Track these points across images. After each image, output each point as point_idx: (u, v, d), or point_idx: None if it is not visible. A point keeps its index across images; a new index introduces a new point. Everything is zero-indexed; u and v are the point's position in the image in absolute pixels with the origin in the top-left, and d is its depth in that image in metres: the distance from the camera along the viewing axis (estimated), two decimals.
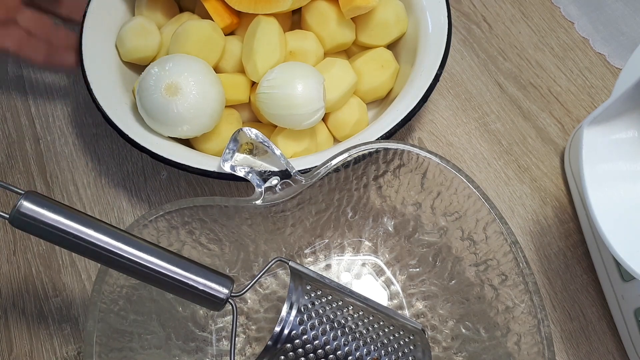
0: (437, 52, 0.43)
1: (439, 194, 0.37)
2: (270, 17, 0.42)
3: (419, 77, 0.42)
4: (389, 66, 0.45)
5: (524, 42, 0.54)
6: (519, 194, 0.47)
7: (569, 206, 0.46)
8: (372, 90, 0.45)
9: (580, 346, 0.41)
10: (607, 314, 0.42)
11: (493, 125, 0.50)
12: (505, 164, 0.48)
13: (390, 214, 0.40)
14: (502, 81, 0.52)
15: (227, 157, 0.37)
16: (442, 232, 0.38)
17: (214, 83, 0.40)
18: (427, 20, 0.45)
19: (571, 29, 0.54)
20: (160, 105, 0.39)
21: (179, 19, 0.46)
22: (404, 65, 0.46)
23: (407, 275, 0.41)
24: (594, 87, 0.51)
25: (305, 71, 0.40)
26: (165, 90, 0.39)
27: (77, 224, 0.28)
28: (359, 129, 0.43)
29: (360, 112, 0.45)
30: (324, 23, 0.44)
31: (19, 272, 0.45)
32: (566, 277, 0.44)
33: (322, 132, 0.45)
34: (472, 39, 0.54)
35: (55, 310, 0.43)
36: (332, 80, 0.42)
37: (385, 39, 0.46)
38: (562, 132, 0.49)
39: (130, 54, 0.45)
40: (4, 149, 0.50)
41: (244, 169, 0.36)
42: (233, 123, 0.43)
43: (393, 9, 0.45)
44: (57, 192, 0.47)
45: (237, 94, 0.43)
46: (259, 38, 0.41)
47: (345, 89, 0.43)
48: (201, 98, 0.39)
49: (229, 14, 0.44)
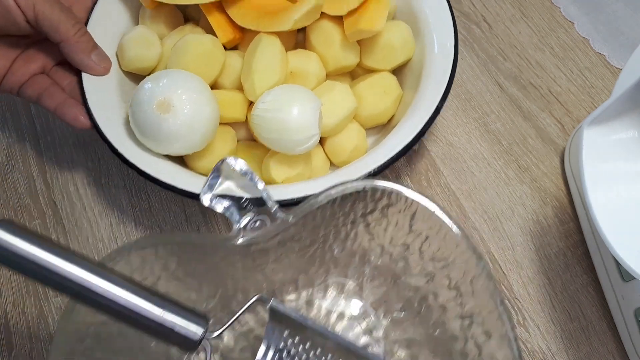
0: (439, 82, 0.42)
1: (427, 237, 0.34)
2: (272, 35, 0.41)
3: (420, 107, 0.41)
4: (391, 93, 0.44)
5: (524, 42, 0.54)
6: (519, 194, 0.47)
7: (569, 206, 0.46)
8: (373, 116, 0.44)
9: (581, 346, 0.41)
10: (607, 314, 0.42)
11: (493, 125, 0.50)
12: (505, 164, 0.48)
13: (378, 253, 0.38)
14: (502, 81, 0.52)
15: (207, 190, 0.34)
16: (430, 277, 0.36)
17: (209, 101, 0.39)
18: (434, 45, 0.44)
19: (571, 29, 0.54)
20: (151, 121, 0.38)
21: (182, 31, 0.45)
22: (407, 91, 0.45)
23: (391, 320, 0.39)
24: (594, 87, 0.51)
25: (302, 96, 0.39)
26: (157, 106, 0.38)
27: (48, 254, 0.26)
28: (356, 155, 0.43)
29: (359, 138, 0.43)
30: (328, 44, 0.43)
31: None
32: (566, 277, 0.44)
33: (319, 156, 0.43)
34: (472, 39, 0.54)
35: (55, 311, 0.43)
36: (331, 105, 0.41)
37: (391, 64, 0.44)
38: (562, 132, 0.49)
39: (130, 64, 0.44)
40: (4, 149, 0.50)
41: (224, 204, 0.34)
42: (228, 141, 0.43)
43: (400, 33, 0.44)
44: (57, 192, 0.47)
45: (234, 112, 0.42)
46: (258, 57, 0.40)
47: (343, 115, 0.42)
48: (194, 117, 0.38)
49: (232, 29, 0.43)
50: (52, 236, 0.46)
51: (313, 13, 0.41)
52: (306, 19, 0.41)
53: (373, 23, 0.41)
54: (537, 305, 0.43)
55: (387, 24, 0.43)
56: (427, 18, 0.45)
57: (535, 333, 0.42)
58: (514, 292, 0.43)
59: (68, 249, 0.27)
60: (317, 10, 0.41)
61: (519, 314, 0.42)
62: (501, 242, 0.45)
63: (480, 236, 0.45)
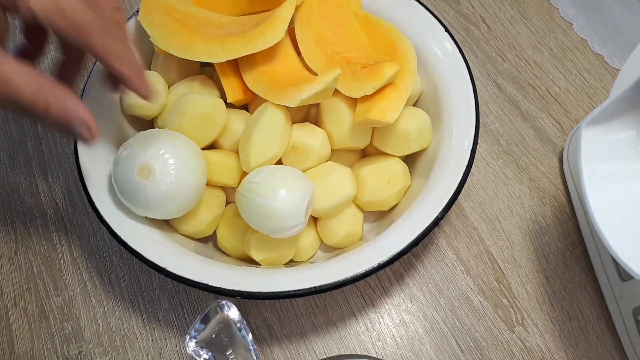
0: (449, 185, 0.38)
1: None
2: (279, 107, 0.38)
3: (426, 205, 0.38)
4: (396, 183, 0.40)
5: (523, 42, 0.54)
6: (517, 194, 0.47)
7: (567, 206, 0.47)
8: (373, 203, 0.41)
9: (579, 345, 0.42)
10: (606, 313, 0.42)
11: (492, 125, 0.50)
12: (504, 163, 0.48)
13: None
14: (501, 82, 0.52)
15: (192, 335, 0.32)
16: None
17: (195, 170, 0.37)
18: (452, 139, 0.40)
19: (570, 30, 0.55)
20: (131, 184, 0.36)
21: (192, 81, 0.43)
22: (417, 180, 0.42)
23: None
24: (592, 88, 0.52)
25: (292, 183, 0.36)
26: (139, 171, 0.36)
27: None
28: (349, 241, 0.41)
29: (354, 224, 0.41)
30: (338, 124, 0.40)
31: (21, 271, 0.45)
32: (565, 276, 0.44)
33: (308, 237, 0.41)
34: (471, 40, 0.54)
35: (56, 310, 0.43)
36: (327, 189, 0.39)
37: (402, 152, 0.41)
38: (560, 133, 0.49)
39: (131, 109, 0.42)
40: (6, 149, 0.50)
41: (207, 356, 0.32)
42: (214, 207, 0.41)
43: (416, 122, 0.40)
44: (59, 192, 0.48)
45: (226, 178, 0.40)
46: (259, 128, 0.38)
47: (338, 201, 0.39)
48: (175, 185, 0.36)
49: (242, 90, 0.41)
50: (53, 236, 0.46)
51: (323, 94, 0.38)
52: (315, 99, 0.38)
53: (385, 114, 0.37)
54: (535, 305, 0.43)
55: (406, 111, 0.40)
56: (451, 110, 0.41)
57: (533, 332, 0.42)
58: (513, 291, 0.43)
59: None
60: (327, 92, 0.38)
61: (518, 313, 0.42)
62: (500, 241, 0.45)
63: (479, 235, 0.45)
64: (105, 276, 0.44)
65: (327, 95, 0.39)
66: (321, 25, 0.42)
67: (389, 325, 0.42)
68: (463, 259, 0.44)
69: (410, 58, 0.41)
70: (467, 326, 0.42)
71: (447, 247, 0.45)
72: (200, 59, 0.39)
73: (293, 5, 0.40)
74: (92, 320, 0.43)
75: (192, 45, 0.39)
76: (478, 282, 0.44)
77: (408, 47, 0.41)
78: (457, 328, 0.42)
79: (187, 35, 0.40)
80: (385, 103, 0.38)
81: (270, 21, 0.39)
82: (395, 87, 0.39)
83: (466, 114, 0.40)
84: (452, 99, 0.41)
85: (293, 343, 0.42)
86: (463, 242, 0.45)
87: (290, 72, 0.41)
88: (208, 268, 0.37)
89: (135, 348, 0.42)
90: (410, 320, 0.42)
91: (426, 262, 0.44)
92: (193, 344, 0.32)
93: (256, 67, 0.41)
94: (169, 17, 0.41)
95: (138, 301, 0.43)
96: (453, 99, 0.41)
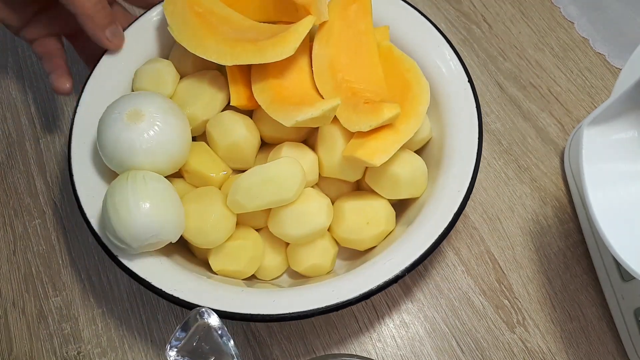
0: (427, 237, 0.36)
1: None
2: None
3: (389, 260, 0.36)
4: (376, 225, 0.38)
5: (524, 42, 0.54)
6: (518, 194, 0.47)
7: (568, 206, 0.46)
8: (348, 240, 0.39)
9: (580, 346, 0.41)
10: (607, 314, 0.42)
11: (493, 125, 0.50)
12: (505, 163, 0.48)
13: None
14: (502, 81, 0.52)
15: (174, 343, 0.31)
16: None
17: (183, 121, 0.38)
18: (445, 190, 0.38)
19: (571, 29, 0.54)
20: (119, 131, 0.36)
21: (202, 77, 0.41)
22: (400, 227, 0.39)
23: None
24: (593, 87, 0.51)
25: (168, 207, 0.35)
26: (128, 115, 0.36)
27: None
28: (314, 272, 0.39)
29: (322, 257, 0.39)
30: (331, 152, 0.38)
31: (19, 272, 0.45)
32: (566, 277, 0.44)
33: (275, 258, 0.40)
34: (472, 39, 0.54)
35: (55, 310, 0.43)
36: (299, 216, 0.37)
37: (391, 195, 0.39)
38: (562, 132, 0.49)
39: None
40: (4, 149, 0.50)
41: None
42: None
43: (410, 168, 0.38)
44: (57, 192, 0.47)
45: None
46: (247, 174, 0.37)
47: (308, 230, 0.37)
48: (163, 131, 0.37)
49: (247, 97, 0.40)
50: (52, 236, 0.46)
51: (320, 120, 0.37)
52: (311, 123, 0.37)
53: (372, 156, 0.36)
54: (536, 305, 0.43)
55: (403, 155, 0.38)
56: (453, 162, 0.39)
57: (535, 333, 0.42)
58: (514, 291, 0.43)
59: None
60: (324, 119, 0.37)
61: (519, 313, 0.42)
62: (501, 241, 0.45)
63: (480, 236, 0.45)
64: (104, 277, 0.44)
65: (324, 122, 0.38)
66: (339, 49, 0.41)
67: (389, 326, 0.42)
68: (464, 260, 0.44)
69: (422, 102, 0.39)
70: (467, 327, 0.42)
71: (448, 248, 0.45)
72: (210, 58, 0.39)
73: (310, 24, 0.38)
74: (91, 321, 0.43)
75: (204, 43, 0.39)
76: (479, 283, 0.43)
77: (423, 90, 0.39)
78: (458, 329, 0.42)
79: (202, 32, 0.39)
80: (377, 144, 0.36)
81: (284, 36, 0.38)
82: (394, 129, 0.37)
83: (464, 171, 0.38)
84: (457, 153, 0.39)
85: (293, 344, 0.42)
86: (464, 243, 0.45)
87: (298, 90, 0.40)
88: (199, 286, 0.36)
89: (134, 349, 0.42)
90: (411, 320, 0.42)
91: (426, 262, 0.44)
92: (174, 353, 0.31)
93: (267, 77, 0.39)
94: (191, 10, 0.41)
95: (137, 302, 0.43)
96: (457, 153, 0.39)
